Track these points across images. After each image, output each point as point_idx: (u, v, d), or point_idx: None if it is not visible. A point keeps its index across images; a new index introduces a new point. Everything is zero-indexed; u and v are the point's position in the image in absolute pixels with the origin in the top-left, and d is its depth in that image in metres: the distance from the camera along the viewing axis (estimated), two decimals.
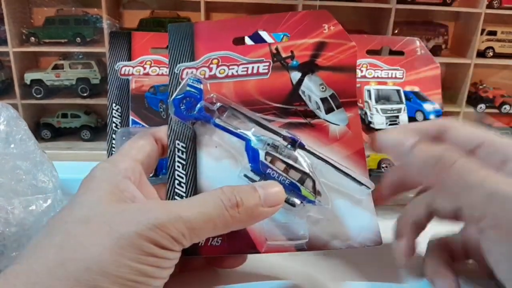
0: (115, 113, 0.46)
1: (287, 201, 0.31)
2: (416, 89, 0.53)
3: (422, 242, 0.35)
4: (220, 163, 0.33)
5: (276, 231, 0.32)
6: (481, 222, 0.27)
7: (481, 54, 0.85)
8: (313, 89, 0.35)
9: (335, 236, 0.32)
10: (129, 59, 0.48)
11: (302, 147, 0.33)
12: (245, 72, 0.34)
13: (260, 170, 0.31)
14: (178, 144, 0.33)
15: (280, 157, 0.32)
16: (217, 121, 0.33)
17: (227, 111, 0.33)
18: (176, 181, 0.32)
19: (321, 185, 0.32)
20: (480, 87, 0.89)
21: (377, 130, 0.52)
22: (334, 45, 0.35)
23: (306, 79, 0.35)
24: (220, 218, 0.27)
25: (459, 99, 0.86)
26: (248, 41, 0.36)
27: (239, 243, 0.31)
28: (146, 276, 0.24)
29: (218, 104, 0.33)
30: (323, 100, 0.35)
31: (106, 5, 0.76)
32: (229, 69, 0.34)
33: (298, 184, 0.32)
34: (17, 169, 0.37)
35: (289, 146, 0.32)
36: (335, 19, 0.35)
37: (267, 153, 0.32)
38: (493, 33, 0.87)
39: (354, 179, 0.33)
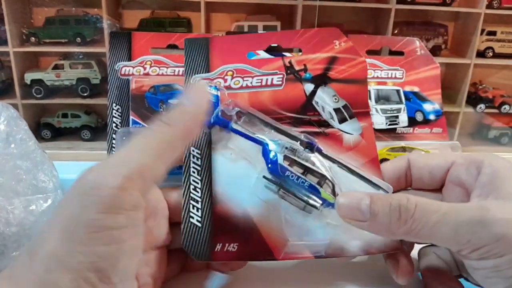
0: (115, 113, 0.46)
1: (307, 202, 0.31)
2: (416, 89, 0.53)
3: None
4: (235, 168, 0.33)
5: (295, 235, 0.32)
6: (460, 251, 0.27)
7: (480, 54, 0.85)
8: (326, 100, 0.35)
9: (353, 242, 0.32)
10: (129, 59, 0.48)
11: (319, 151, 0.33)
12: (259, 84, 0.35)
13: (278, 172, 0.31)
14: (193, 151, 0.33)
15: (298, 160, 0.32)
16: (234, 126, 0.33)
17: (244, 117, 0.34)
18: (192, 186, 0.32)
19: (340, 189, 0.32)
20: (480, 87, 0.89)
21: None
22: (345, 60, 0.36)
23: (319, 91, 0.35)
24: (160, 136, 0.26)
25: (458, 99, 0.86)
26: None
27: (255, 249, 0.31)
28: (106, 266, 0.22)
29: (236, 110, 0.34)
30: (336, 110, 0.35)
31: (106, 5, 0.76)
32: (243, 80, 0.35)
33: (318, 187, 0.32)
34: (17, 169, 0.37)
35: (306, 150, 0.33)
36: (345, 36, 0.36)
37: (285, 157, 0.32)
38: (493, 33, 0.87)
39: (372, 182, 0.33)
